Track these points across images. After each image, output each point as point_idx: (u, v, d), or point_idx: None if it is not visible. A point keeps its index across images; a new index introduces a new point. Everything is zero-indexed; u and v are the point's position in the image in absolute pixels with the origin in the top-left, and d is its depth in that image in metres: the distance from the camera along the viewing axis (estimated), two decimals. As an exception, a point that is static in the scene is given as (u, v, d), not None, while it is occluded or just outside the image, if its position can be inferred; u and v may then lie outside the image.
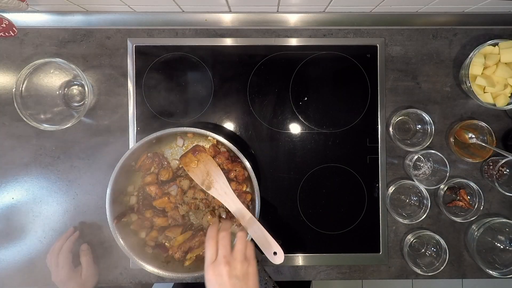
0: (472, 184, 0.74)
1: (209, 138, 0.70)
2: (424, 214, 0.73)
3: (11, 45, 0.77)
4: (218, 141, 0.69)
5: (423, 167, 0.78)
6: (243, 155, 0.66)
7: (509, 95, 0.74)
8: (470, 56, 0.73)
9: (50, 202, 0.77)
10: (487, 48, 0.73)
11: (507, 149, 0.76)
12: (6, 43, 0.77)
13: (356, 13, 0.78)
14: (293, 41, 0.79)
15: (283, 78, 0.78)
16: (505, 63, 0.73)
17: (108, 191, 0.66)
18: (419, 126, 0.78)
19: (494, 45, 0.74)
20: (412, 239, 0.74)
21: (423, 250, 0.78)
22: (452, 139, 0.76)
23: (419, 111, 0.74)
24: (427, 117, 0.74)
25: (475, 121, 0.74)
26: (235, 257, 0.53)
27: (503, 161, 0.71)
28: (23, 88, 0.70)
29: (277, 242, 0.63)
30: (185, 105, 0.78)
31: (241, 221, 0.65)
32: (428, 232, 0.74)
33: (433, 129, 0.74)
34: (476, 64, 0.73)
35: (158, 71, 0.78)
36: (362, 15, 0.79)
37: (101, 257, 0.76)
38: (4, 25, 0.66)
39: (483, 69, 0.74)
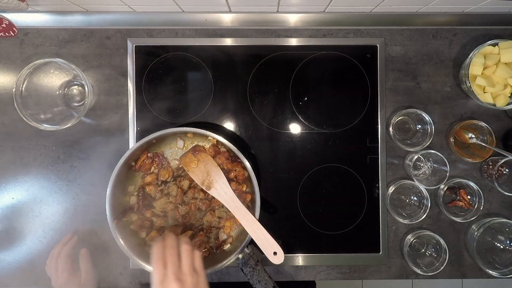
0: (472, 184, 0.74)
1: (209, 138, 0.70)
2: (424, 214, 0.73)
3: (11, 45, 0.77)
4: (218, 141, 0.69)
5: (423, 167, 0.78)
6: (243, 155, 0.66)
7: (509, 95, 0.74)
8: (470, 56, 0.73)
9: (50, 202, 0.77)
10: (487, 48, 0.73)
11: (507, 149, 0.76)
12: (6, 43, 0.77)
13: (356, 13, 0.78)
14: (293, 41, 0.79)
15: (283, 78, 0.78)
16: (505, 63, 0.73)
17: (108, 191, 0.66)
18: (419, 126, 0.78)
19: (494, 45, 0.74)
20: (412, 239, 0.74)
21: (423, 250, 0.78)
22: (452, 139, 0.76)
23: (419, 111, 0.75)
24: (427, 117, 0.74)
25: (475, 121, 0.74)
26: (184, 271, 0.52)
27: (503, 161, 0.71)
28: (23, 88, 0.70)
29: (277, 242, 0.63)
30: (185, 105, 0.78)
31: (241, 221, 0.65)
32: (428, 232, 0.74)
33: (433, 129, 0.74)
34: (476, 64, 0.73)
35: (158, 71, 0.78)
36: (362, 15, 0.79)
37: (101, 257, 0.76)
38: (4, 25, 0.66)
39: (483, 69, 0.74)
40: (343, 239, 0.77)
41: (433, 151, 0.73)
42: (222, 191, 0.67)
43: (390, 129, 0.76)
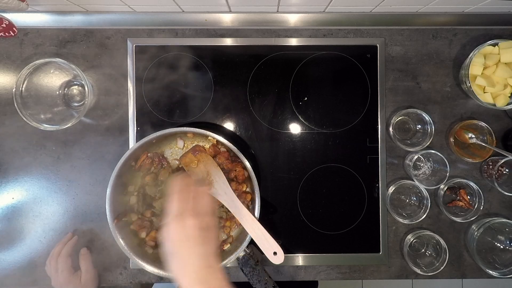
0: (472, 184, 0.74)
1: (209, 138, 0.70)
2: (424, 214, 0.73)
3: (11, 45, 0.77)
4: (218, 141, 0.69)
5: (423, 167, 0.78)
6: (243, 155, 0.66)
7: (509, 95, 0.74)
8: (470, 56, 0.73)
9: (50, 202, 0.77)
10: (487, 48, 0.73)
11: (507, 149, 0.76)
12: (6, 43, 0.77)
13: (356, 13, 0.78)
14: (293, 41, 0.79)
15: (283, 78, 0.78)
16: (505, 63, 0.73)
17: (108, 191, 0.66)
18: (419, 126, 0.78)
19: (494, 45, 0.74)
20: (412, 239, 0.74)
21: (423, 250, 0.78)
22: (452, 139, 0.76)
23: (419, 111, 0.75)
24: (427, 117, 0.74)
25: (475, 121, 0.74)
26: (201, 210, 0.52)
27: (503, 161, 0.71)
28: (23, 88, 0.70)
29: (277, 242, 0.63)
30: (185, 105, 0.78)
31: (241, 221, 0.65)
32: (428, 232, 0.74)
33: (433, 129, 0.74)
34: (476, 64, 0.73)
35: (158, 71, 0.78)
36: (362, 15, 0.79)
37: (101, 257, 0.76)
38: (4, 25, 0.66)
39: (483, 69, 0.74)
40: (343, 239, 0.77)
41: (433, 151, 0.73)
42: (222, 191, 0.67)
43: (390, 129, 0.76)
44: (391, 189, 0.76)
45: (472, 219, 0.74)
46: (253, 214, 0.66)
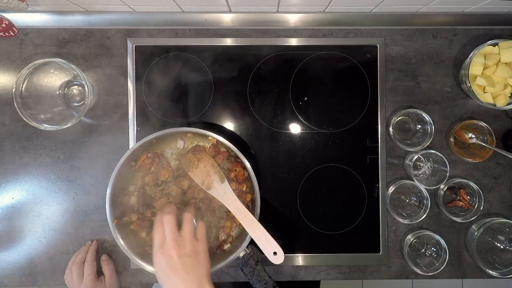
0: (472, 184, 0.74)
1: (209, 138, 0.70)
2: (424, 214, 0.73)
3: (11, 45, 0.77)
4: (218, 141, 0.69)
5: (423, 167, 0.78)
6: (243, 155, 0.66)
7: (509, 95, 0.74)
8: (470, 56, 0.73)
9: (50, 202, 0.77)
10: (487, 48, 0.73)
11: (507, 149, 0.76)
12: (6, 43, 0.77)
13: (356, 13, 0.78)
14: (293, 41, 0.79)
15: (283, 78, 0.78)
16: (505, 63, 0.73)
17: (108, 191, 0.66)
18: (419, 126, 0.78)
19: (494, 45, 0.74)
20: (412, 239, 0.74)
21: (423, 250, 0.78)
22: (452, 139, 0.76)
23: (419, 111, 0.74)
24: (427, 117, 0.74)
25: (475, 121, 0.74)
26: (184, 237, 0.54)
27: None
28: (23, 88, 0.70)
29: (277, 242, 0.63)
30: (185, 105, 0.78)
31: (241, 221, 0.65)
32: (428, 232, 0.74)
33: (433, 129, 0.74)
34: (476, 64, 0.73)
35: (158, 71, 0.78)
36: (362, 15, 0.79)
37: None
38: (4, 25, 0.66)
39: (483, 69, 0.74)
40: (343, 239, 0.77)
41: (433, 151, 0.73)
42: (222, 191, 0.67)
43: (390, 129, 0.76)
44: (391, 189, 0.76)
45: (472, 219, 0.74)
46: (253, 214, 0.66)
